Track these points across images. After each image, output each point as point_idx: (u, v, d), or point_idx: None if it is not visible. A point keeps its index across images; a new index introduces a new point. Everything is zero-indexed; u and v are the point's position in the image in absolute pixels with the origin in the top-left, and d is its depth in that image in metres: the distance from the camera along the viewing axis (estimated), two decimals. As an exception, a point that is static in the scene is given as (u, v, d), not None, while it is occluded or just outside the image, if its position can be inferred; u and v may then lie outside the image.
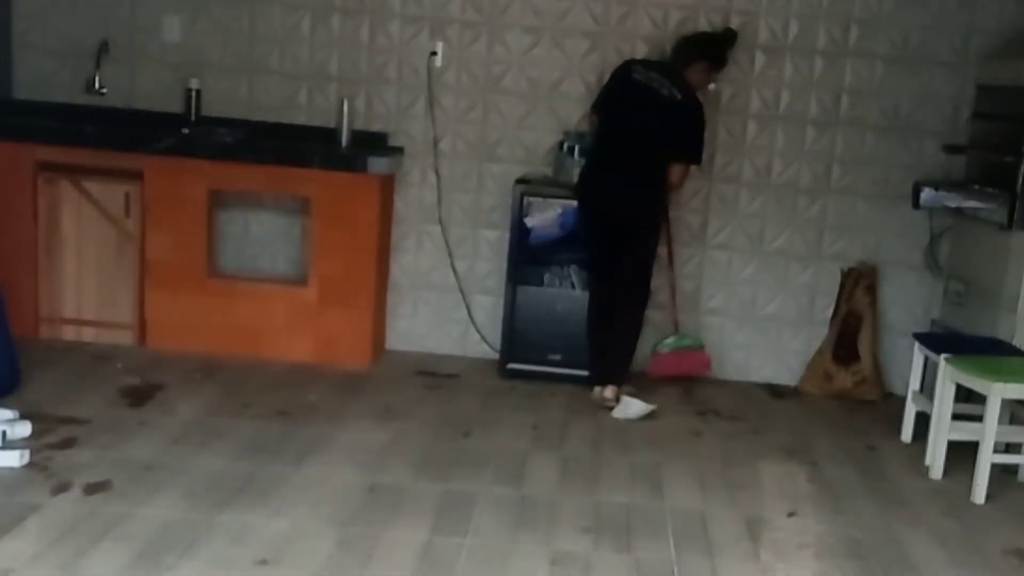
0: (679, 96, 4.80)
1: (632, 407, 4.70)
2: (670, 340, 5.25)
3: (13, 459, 3.63)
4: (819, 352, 5.37)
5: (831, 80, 5.26)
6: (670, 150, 4.84)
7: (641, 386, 5.00)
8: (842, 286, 5.34)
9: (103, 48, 5.37)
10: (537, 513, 3.63)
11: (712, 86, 5.09)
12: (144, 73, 5.44)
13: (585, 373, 5.07)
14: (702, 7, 5.25)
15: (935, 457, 4.25)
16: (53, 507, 3.37)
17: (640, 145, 4.83)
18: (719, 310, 5.44)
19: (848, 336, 5.29)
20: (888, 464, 4.42)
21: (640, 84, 4.83)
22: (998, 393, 3.99)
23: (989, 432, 4.00)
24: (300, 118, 5.42)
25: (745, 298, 5.45)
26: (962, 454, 4.18)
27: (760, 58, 5.27)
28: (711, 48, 4.95)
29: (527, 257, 5.13)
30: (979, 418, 4.10)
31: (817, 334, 5.40)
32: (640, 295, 5.01)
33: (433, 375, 5.17)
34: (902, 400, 4.79)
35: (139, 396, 4.47)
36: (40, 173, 5.06)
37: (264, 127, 5.36)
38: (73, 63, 5.42)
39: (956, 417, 4.23)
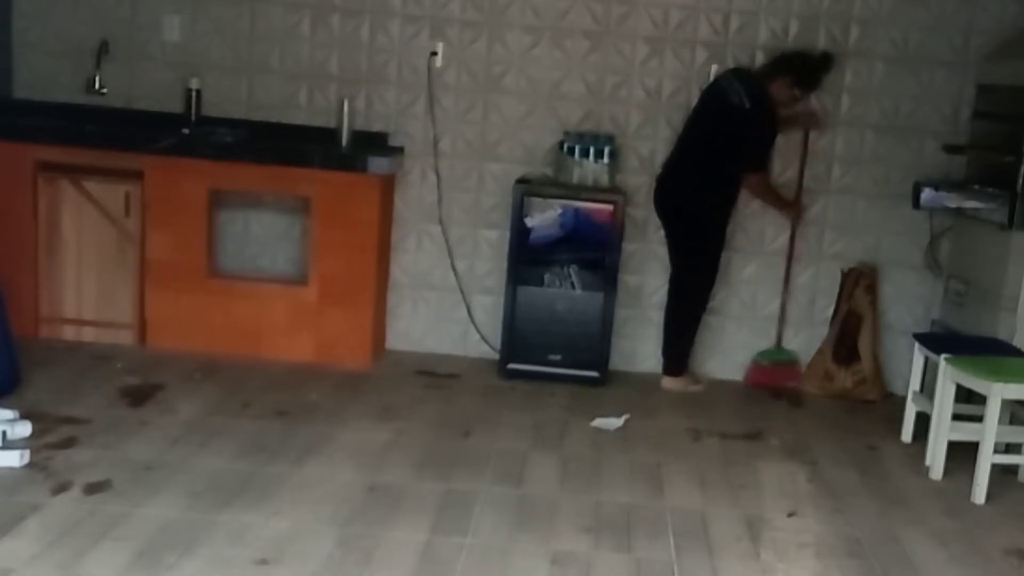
0: (747, 104, 4.88)
1: (610, 421, 4.68)
2: (768, 352, 5.36)
3: (13, 459, 3.63)
4: (819, 352, 5.37)
5: (831, 79, 5.25)
6: (731, 157, 4.94)
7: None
8: (842, 286, 5.34)
9: (103, 48, 5.37)
10: (537, 513, 3.63)
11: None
12: (144, 73, 5.44)
13: (586, 373, 5.14)
14: (702, 7, 5.25)
15: (935, 457, 4.25)
16: (53, 507, 3.37)
17: (698, 146, 5.02)
18: (719, 310, 5.44)
19: (848, 336, 5.29)
20: (888, 464, 4.43)
21: (718, 87, 5.01)
22: (998, 393, 3.99)
23: (989, 432, 4.00)
24: (300, 118, 5.42)
25: (745, 298, 5.45)
26: (962, 454, 4.18)
27: (760, 58, 5.26)
28: (797, 66, 4.97)
29: (527, 257, 5.13)
30: (979, 418, 4.10)
31: (817, 334, 5.41)
32: (684, 291, 5.18)
33: (433, 375, 5.17)
34: (902, 400, 4.79)
35: (139, 396, 4.48)
36: (40, 173, 5.06)
37: (264, 127, 5.36)
38: (73, 63, 5.43)
39: (956, 417, 4.22)
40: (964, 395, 4.29)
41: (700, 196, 5.05)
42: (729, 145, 4.94)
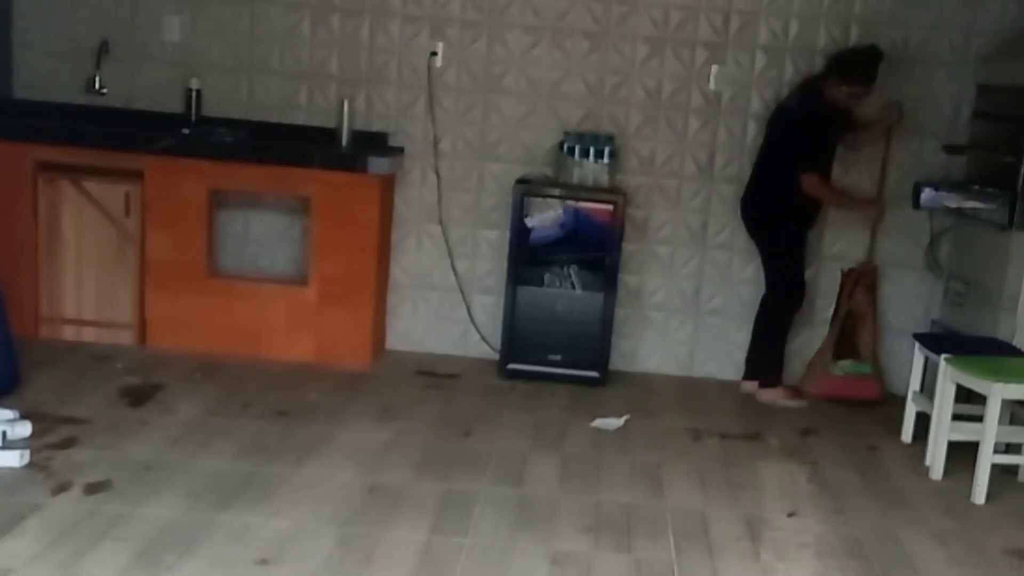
0: (794, 106, 4.97)
1: (610, 421, 4.65)
2: (846, 364, 5.20)
3: (13, 459, 3.63)
4: (819, 352, 5.37)
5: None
6: (781, 162, 4.98)
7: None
8: (842, 286, 5.34)
9: (103, 48, 5.37)
10: (537, 513, 3.63)
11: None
12: (144, 73, 5.44)
13: (586, 373, 5.14)
14: (702, 7, 5.25)
15: (935, 457, 4.25)
16: (53, 507, 3.37)
17: (760, 160, 5.13)
18: (719, 310, 5.44)
19: (848, 336, 5.29)
20: (888, 464, 4.42)
21: (781, 100, 5.14)
22: (998, 393, 3.99)
23: (989, 432, 4.00)
24: (300, 118, 5.42)
25: (745, 298, 5.44)
26: (962, 454, 4.18)
27: (760, 58, 5.27)
28: (840, 63, 4.95)
29: (527, 257, 5.13)
30: (979, 418, 4.10)
31: (817, 334, 5.40)
32: (768, 299, 5.20)
33: (433, 375, 5.17)
34: (902, 400, 4.79)
35: (139, 396, 4.48)
36: (40, 173, 5.06)
37: (264, 127, 5.36)
38: (73, 63, 5.43)
39: (956, 417, 4.22)
40: (964, 395, 4.29)
41: (762, 209, 5.10)
42: (780, 151, 5.00)
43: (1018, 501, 4.09)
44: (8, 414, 3.94)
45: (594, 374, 5.15)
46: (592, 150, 5.15)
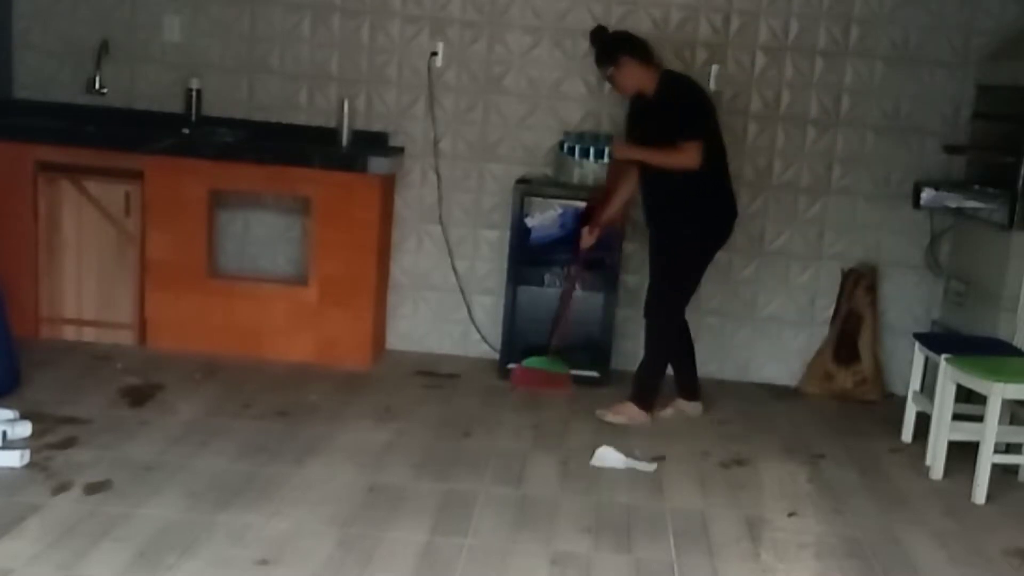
0: None
1: (608, 458, 4.17)
2: (536, 360, 5.04)
3: (13, 459, 3.63)
4: (819, 352, 5.37)
5: (831, 80, 5.26)
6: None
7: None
8: (842, 286, 5.34)
9: (103, 48, 5.37)
10: (537, 513, 3.63)
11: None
12: (144, 73, 5.45)
13: (586, 373, 5.12)
14: (702, 7, 5.25)
15: (935, 457, 4.25)
16: (53, 507, 3.37)
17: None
18: (719, 310, 5.44)
19: (848, 336, 5.29)
20: (888, 464, 4.42)
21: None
22: (998, 393, 3.99)
23: (989, 432, 4.00)
24: (300, 118, 5.42)
25: (745, 298, 5.45)
26: (962, 454, 4.18)
27: (760, 58, 5.27)
28: None
29: (527, 257, 5.14)
30: (979, 418, 4.10)
31: (817, 334, 5.40)
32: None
33: (433, 375, 5.17)
34: (902, 400, 4.79)
35: (139, 396, 4.48)
36: (40, 173, 5.06)
37: (264, 127, 5.36)
38: (73, 63, 5.43)
39: (956, 417, 4.23)
40: (964, 395, 4.29)
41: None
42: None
43: (1018, 501, 4.09)
44: (8, 414, 3.95)
45: (594, 374, 5.15)
46: (592, 150, 5.15)
